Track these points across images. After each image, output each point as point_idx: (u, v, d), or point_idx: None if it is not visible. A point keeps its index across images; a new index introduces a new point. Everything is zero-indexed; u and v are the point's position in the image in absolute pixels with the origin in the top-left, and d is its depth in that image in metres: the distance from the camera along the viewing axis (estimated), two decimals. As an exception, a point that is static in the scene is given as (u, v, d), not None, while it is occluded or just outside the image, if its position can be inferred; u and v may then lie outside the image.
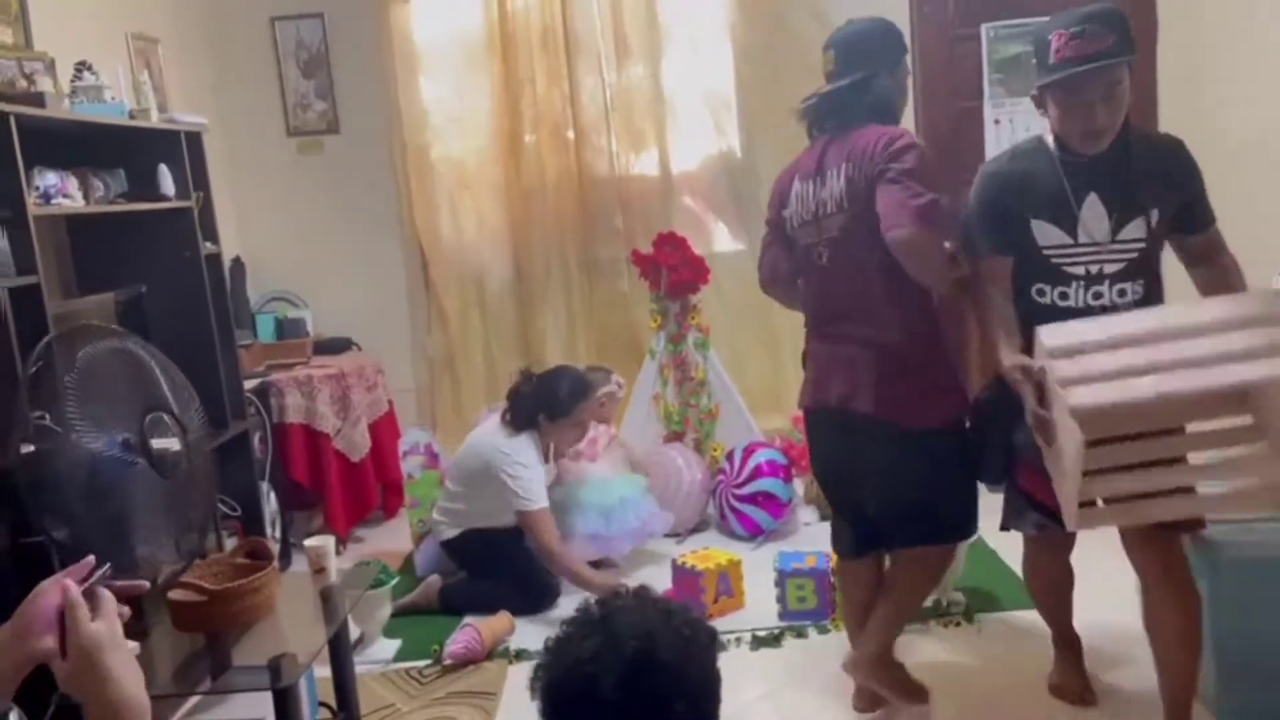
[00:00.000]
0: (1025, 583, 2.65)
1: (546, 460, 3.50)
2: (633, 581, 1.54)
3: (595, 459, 3.80)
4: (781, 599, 3.17)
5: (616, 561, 3.63)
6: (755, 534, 3.80)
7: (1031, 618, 3.00)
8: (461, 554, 3.48)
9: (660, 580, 3.28)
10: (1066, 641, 2.63)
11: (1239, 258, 2.37)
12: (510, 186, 4.60)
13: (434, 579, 3.50)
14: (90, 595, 1.01)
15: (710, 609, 3.20)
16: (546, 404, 3.41)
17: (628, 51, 4.51)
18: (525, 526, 3.34)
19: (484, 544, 3.40)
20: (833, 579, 3.09)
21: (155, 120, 3.33)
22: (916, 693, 2.48)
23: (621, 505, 3.58)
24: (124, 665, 0.99)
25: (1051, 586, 2.58)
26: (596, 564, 3.51)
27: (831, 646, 2.98)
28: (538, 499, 3.30)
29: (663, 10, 4.46)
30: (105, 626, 0.99)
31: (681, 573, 3.26)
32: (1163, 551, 2.18)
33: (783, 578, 3.15)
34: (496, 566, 3.38)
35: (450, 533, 3.48)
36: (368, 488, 4.22)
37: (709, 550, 3.39)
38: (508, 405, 3.47)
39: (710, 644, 1.15)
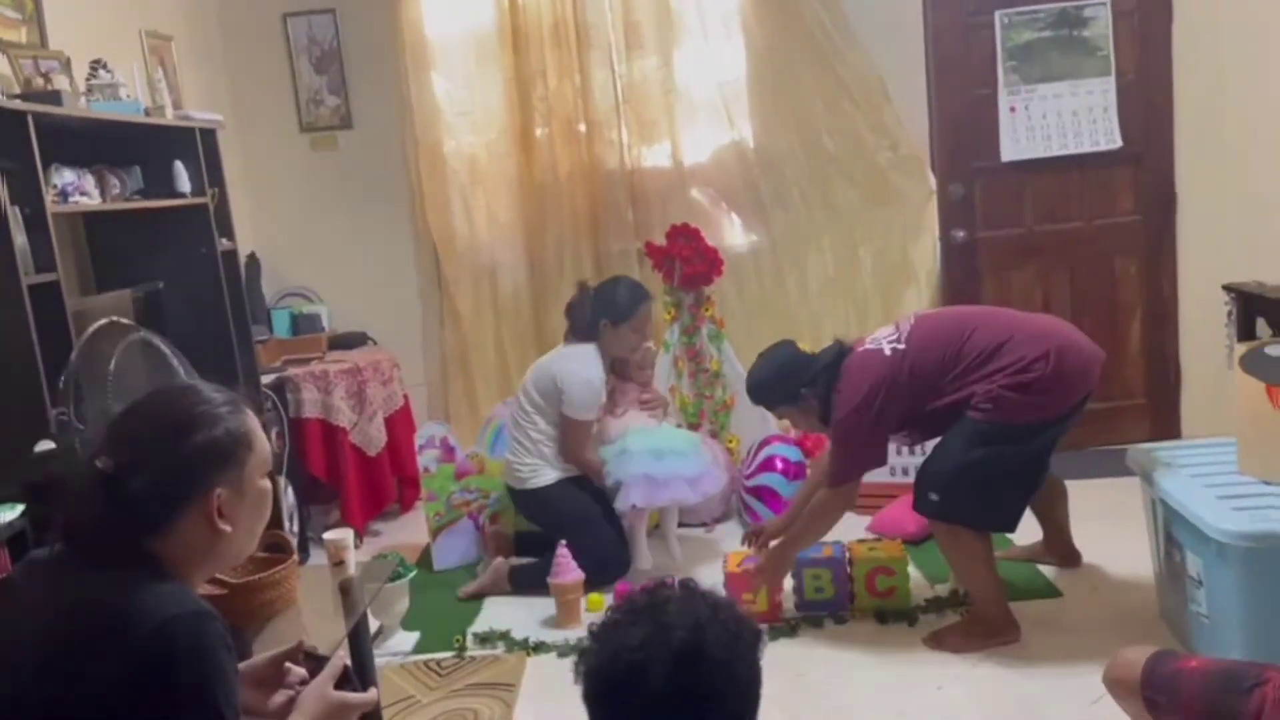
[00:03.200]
0: None
1: (619, 370, 3.55)
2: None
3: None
4: (798, 589, 3.16)
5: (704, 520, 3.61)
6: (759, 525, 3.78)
7: (1044, 606, 3.01)
8: (543, 508, 3.46)
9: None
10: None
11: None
12: (522, 180, 4.60)
13: (500, 562, 3.51)
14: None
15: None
16: (607, 308, 3.43)
17: (639, 44, 4.50)
18: (563, 429, 3.38)
19: (571, 499, 3.39)
20: (849, 569, 3.10)
21: (170, 117, 3.34)
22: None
23: (672, 451, 3.49)
24: None
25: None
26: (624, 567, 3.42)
27: (848, 637, 2.99)
28: (589, 411, 3.35)
29: (674, 1, 4.45)
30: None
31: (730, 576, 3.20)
32: None
33: (799, 568, 3.15)
34: (576, 528, 3.34)
35: (537, 481, 3.44)
36: (384, 482, 4.23)
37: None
38: (568, 319, 3.52)
39: (755, 641, 1.15)
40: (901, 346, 2.84)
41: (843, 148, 4.42)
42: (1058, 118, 4.21)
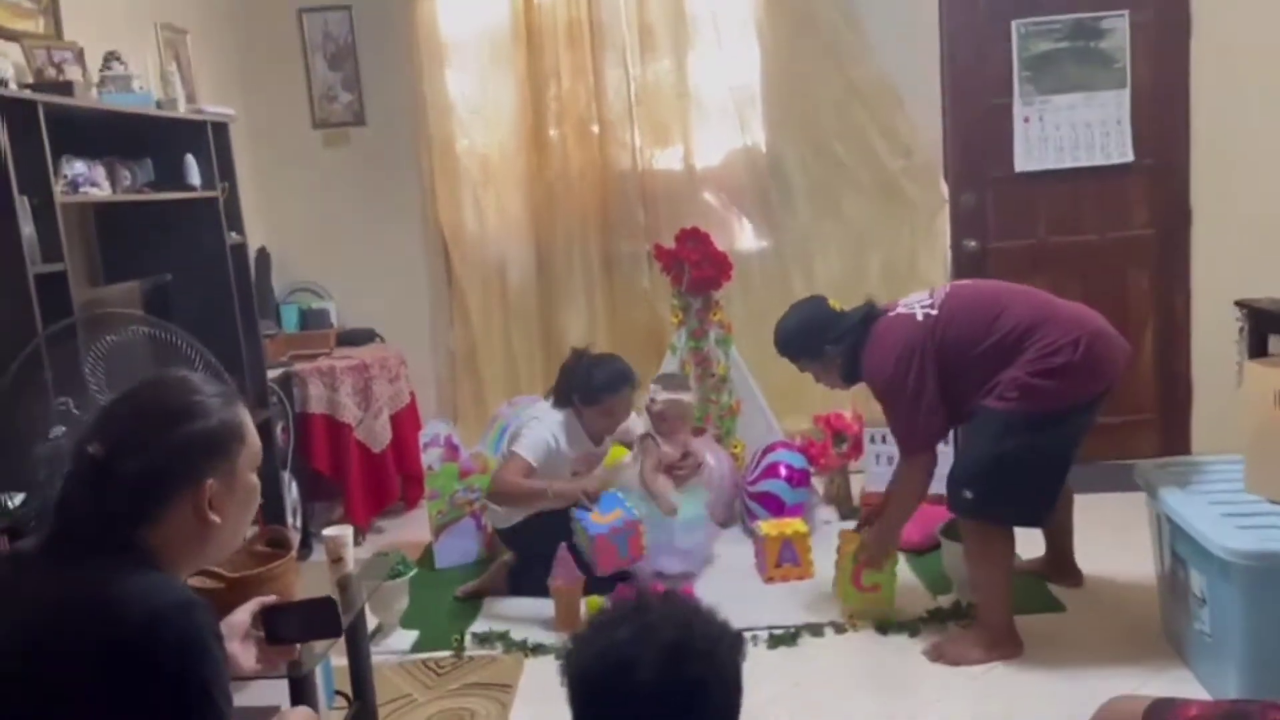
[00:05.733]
0: None
1: (598, 443, 3.51)
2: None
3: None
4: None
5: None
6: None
7: (1047, 621, 2.99)
8: (519, 540, 3.46)
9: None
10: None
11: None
12: (534, 180, 4.60)
13: (501, 562, 3.51)
14: None
15: (770, 572, 3.32)
16: (580, 386, 3.41)
17: (653, 45, 4.49)
18: (500, 465, 3.38)
19: (542, 527, 3.35)
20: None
21: (183, 110, 3.35)
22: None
23: (684, 526, 3.47)
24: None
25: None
26: (624, 576, 3.35)
27: (848, 647, 2.97)
28: (529, 451, 3.30)
29: (689, 4, 4.44)
30: None
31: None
32: None
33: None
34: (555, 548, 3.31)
35: (507, 521, 3.45)
36: (388, 479, 4.23)
37: (781, 520, 3.53)
38: (557, 379, 3.51)
39: (738, 644, 1.17)
40: (934, 313, 2.81)
41: (854, 154, 4.40)
42: (1072, 129, 4.19)
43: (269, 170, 4.55)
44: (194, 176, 3.31)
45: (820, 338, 3.00)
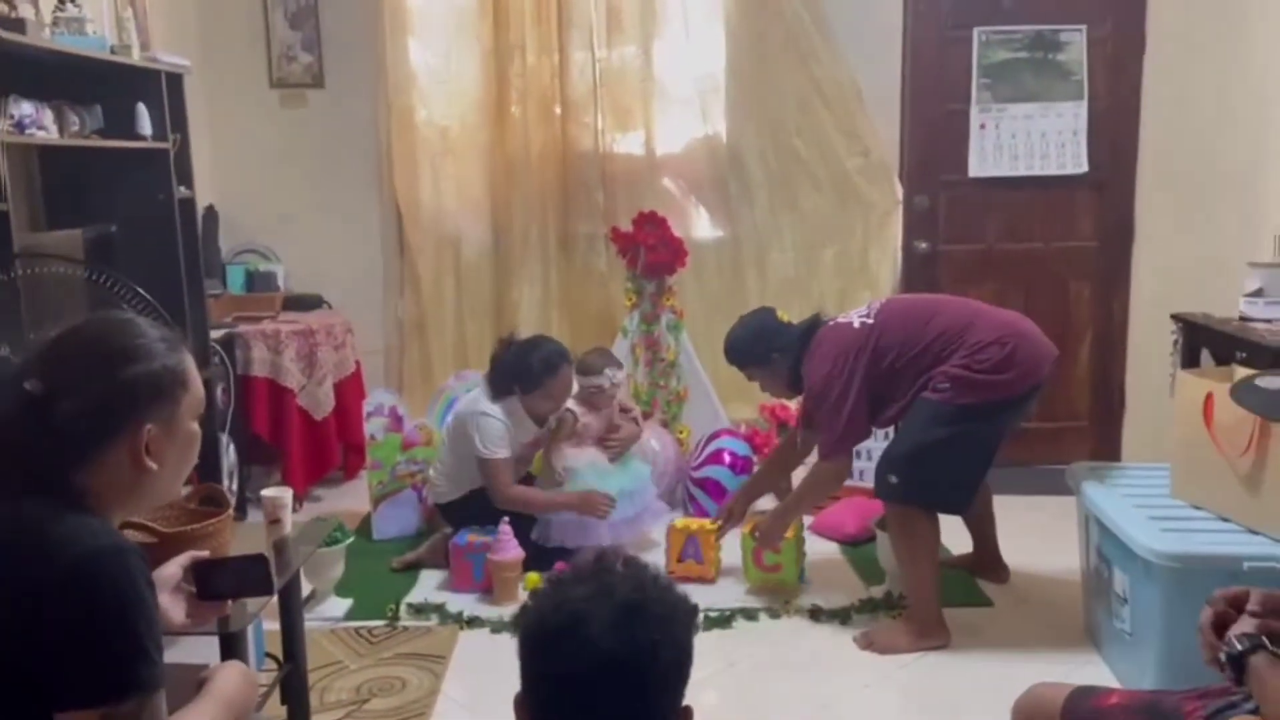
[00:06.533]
0: None
1: (541, 424, 3.51)
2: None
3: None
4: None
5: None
6: (702, 517, 3.78)
7: (975, 614, 3.06)
8: (460, 516, 3.45)
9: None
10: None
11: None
12: (493, 155, 4.57)
13: (441, 535, 3.50)
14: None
15: (672, 567, 3.28)
16: (518, 374, 3.40)
17: (620, 29, 4.48)
18: (483, 474, 3.36)
19: (483, 506, 3.37)
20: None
21: (136, 58, 3.27)
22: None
23: (621, 495, 3.47)
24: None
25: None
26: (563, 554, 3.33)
27: (780, 632, 3.02)
28: (496, 449, 3.32)
29: (658, -11, 4.44)
30: None
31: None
32: None
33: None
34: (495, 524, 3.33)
35: (450, 495, 3.47)
36: (329, 447, 4.19)
37: (696, 519, 3.47)
38: (489, 371, 3.47)
39: (692, 613, 1.18)
40: (870, 321, 2.96)
41: (813, 150, 4.44)
42: (1027, 138, 4.27)
43: (222, 127, 4.46)
44: (145, 126, 3.23)
45: (767, 346, 3.13)
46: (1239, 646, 1.42)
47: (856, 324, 2.97)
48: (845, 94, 4.37)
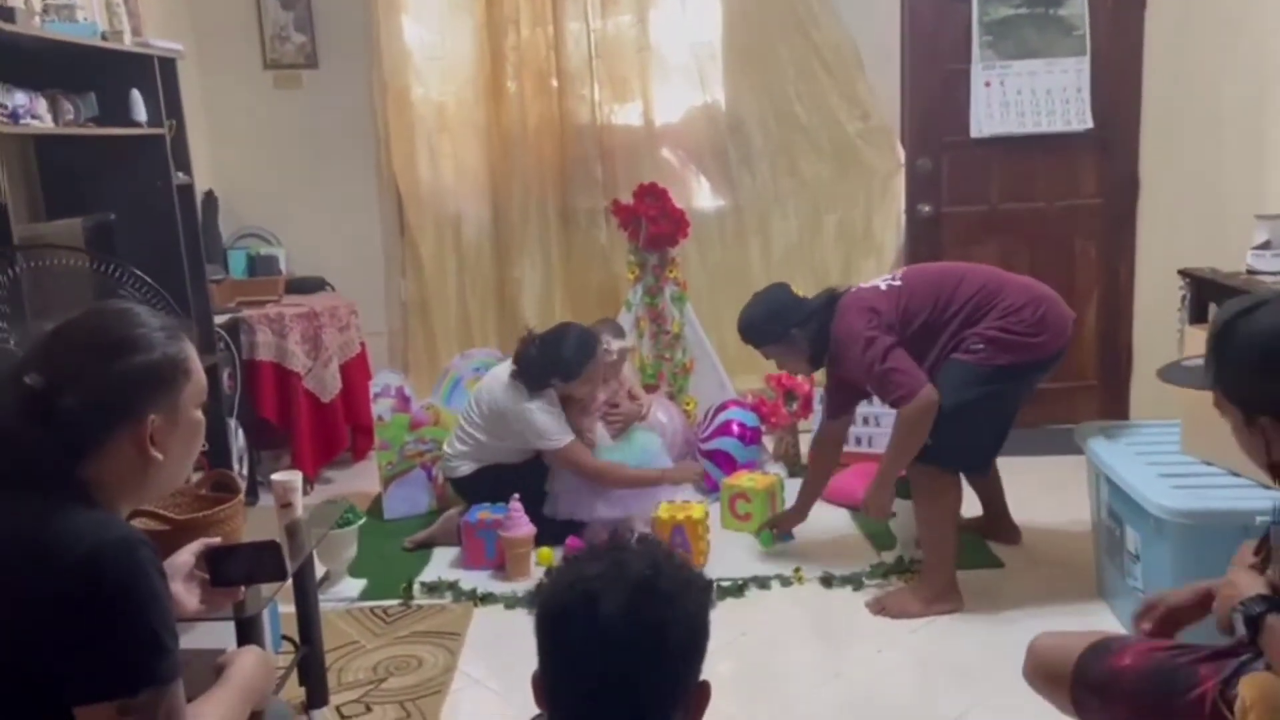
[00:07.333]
0: None
1: (589, 412, 3.52)
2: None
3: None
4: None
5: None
6: (712, 489, 3.79)
7: (986, 576, 3.07)
8: (475, 490, 3.46)
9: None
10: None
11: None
12: (490, 131, 4.54)
13: (452, 512, 3.50)
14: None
15: None
16: (555, 368, 3.36)
17: (615, -2, 4.44)
18: (561, 464, 3.37)
19: (498, 480, 3.37)
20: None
21: (128, 43, 3.25)
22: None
23: (639, 464, 3.48)
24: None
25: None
26: (574, 527, 3.36)
27: (792, 599, 3.03)
28: (562, 434, 3.32)
29: (652, -43, 4.39)
30: None
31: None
32: None
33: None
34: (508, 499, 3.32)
35: (464, 469, 3.47)
36: (337, 429, 4.20)
37: (688, 503, 3.35)
38: (518, 370, 3.40)
39: (706, 590, 1.18)
40: (898, 284, 2.94)
41: (813, 116, 4.40)
42: (1031, 95, 4.22)
43: (217, 111, 4.44)
44: (140, 113, 3.22)
45: (785, 322, 3.05)
46: (1256, 609, 1.44)
47: (884, 287, 2.95)
48: (844, 58, 4.33)
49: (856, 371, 2.92)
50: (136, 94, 3.20)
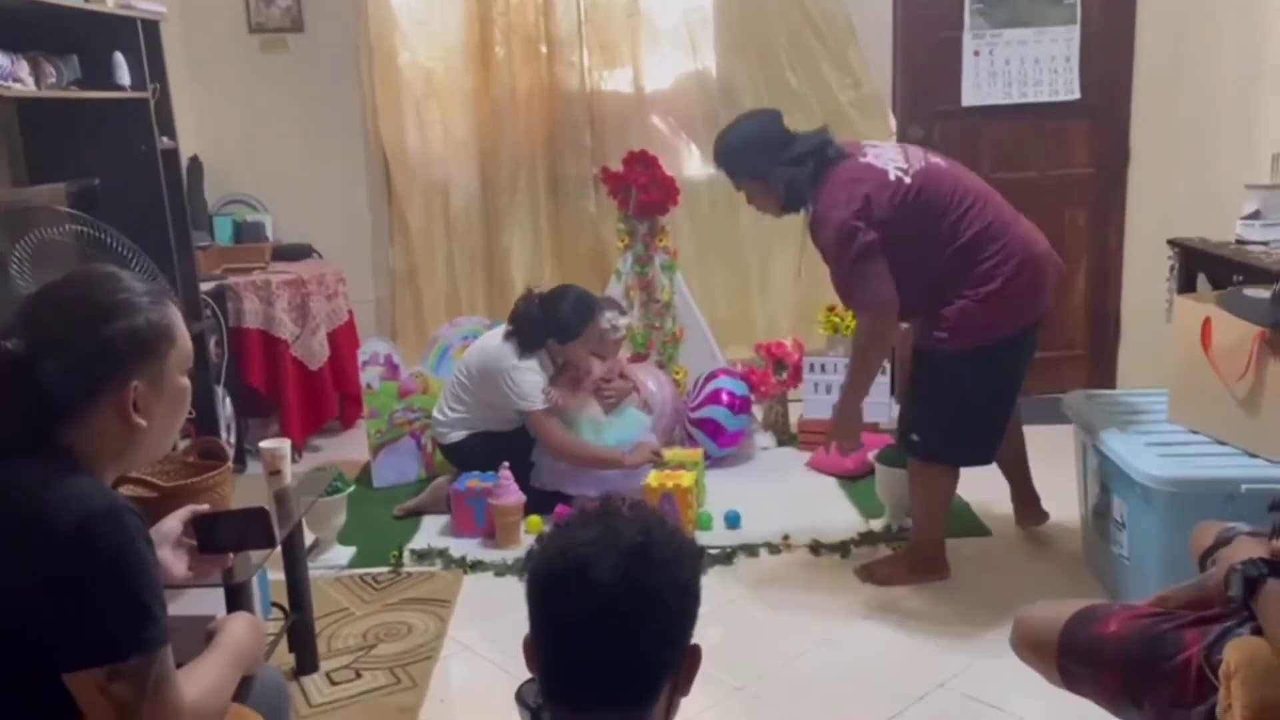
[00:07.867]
0: None
1: (587, 373, 3.51)
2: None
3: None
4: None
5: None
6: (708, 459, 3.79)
7: (974, 544, 3.09)
8: (466, 457, 3.46)
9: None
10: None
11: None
12: (479, 97, 4.49)
13: (442, 480, 3.50)
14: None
15: None
16: (553, 328, 3.35)
17: (604, -39, 4.38)
18: (532, 429, 3.35)
19: (488, 447, 3.38)
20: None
21: (110, 5, 3.19)
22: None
23: (620, 447, 3.47)
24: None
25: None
26: (563, 498, 3.35)
27: (781, 566, 3.04)
28: (538, 400, 3.31)
29: (642, -79, 4.33)
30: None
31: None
32: None
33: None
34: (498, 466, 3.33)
35: (454, 435, 3.47)
36: (325, 397, 4.18)
37: (680, 473, 3.33)
38: (513, 328, 3.39)
39: (697, 556, 1.18)
40: (907, 181, 2.63)
41: (805, 83, 4.37)
42: (1020, 64, 4.21)
43: (202, 75, 4.38)
44: (123, 76, 3.17)
45: (772, 157, 2.72)
46: (1255, 570, 1.44)
47: (891, 176, 2.63)
48: (836, 25, 4.29)
49: (825, 253, 2.68)
50: (119, 57, 3.16)
